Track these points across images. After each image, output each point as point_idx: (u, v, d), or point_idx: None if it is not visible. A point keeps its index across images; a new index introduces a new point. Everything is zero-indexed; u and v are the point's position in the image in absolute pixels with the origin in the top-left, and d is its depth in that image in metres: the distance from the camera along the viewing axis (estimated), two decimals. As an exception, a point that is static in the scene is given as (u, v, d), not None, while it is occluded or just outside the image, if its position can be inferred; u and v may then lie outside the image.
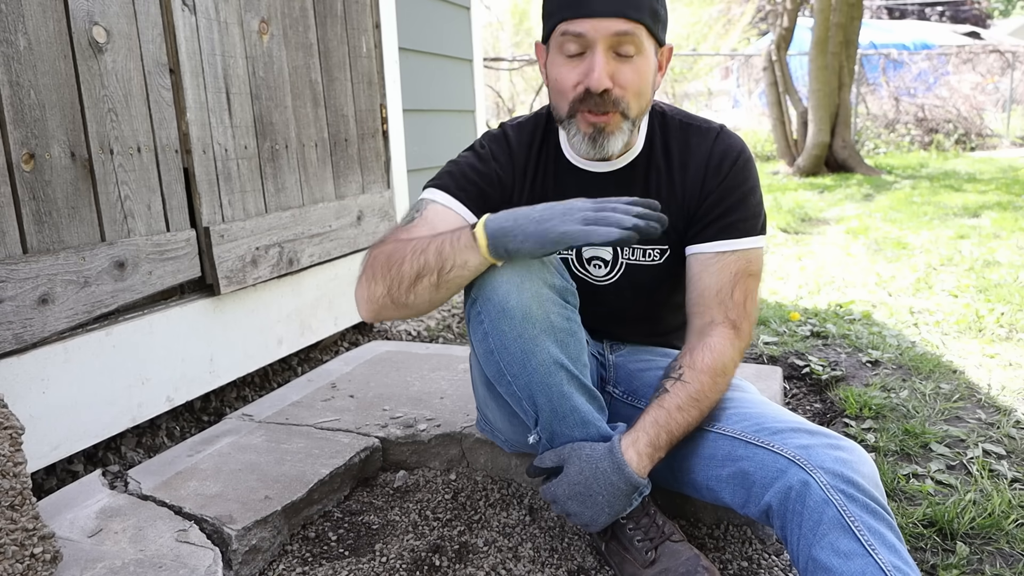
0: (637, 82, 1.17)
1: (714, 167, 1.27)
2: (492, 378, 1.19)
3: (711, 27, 16.31)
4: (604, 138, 1.20)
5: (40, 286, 1.45)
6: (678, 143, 1.30)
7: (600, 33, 1.13)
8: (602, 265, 1.33)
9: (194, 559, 1.20)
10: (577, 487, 1.12)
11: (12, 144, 1.41)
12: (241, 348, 2.00)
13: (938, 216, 5.21)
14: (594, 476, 1.11)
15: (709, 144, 1.28)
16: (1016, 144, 11.61)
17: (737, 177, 1.26)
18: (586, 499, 1.13)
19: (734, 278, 1.24)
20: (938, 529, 1.40)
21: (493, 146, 1.34)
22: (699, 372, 1.17)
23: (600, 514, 1.14)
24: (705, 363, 1.18)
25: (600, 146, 1.20)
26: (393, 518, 1.44)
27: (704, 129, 1.30)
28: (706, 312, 1.24)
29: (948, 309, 2.91)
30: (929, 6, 21.56)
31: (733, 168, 1.26)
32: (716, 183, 1.26)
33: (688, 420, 1.15)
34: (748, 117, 12.96)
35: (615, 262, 1.32)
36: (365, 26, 2.48)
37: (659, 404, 1.16)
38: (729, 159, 1.26)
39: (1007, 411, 1.93)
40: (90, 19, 1.55)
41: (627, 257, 1.32)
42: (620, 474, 1.11)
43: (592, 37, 1.14)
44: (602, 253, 1.32)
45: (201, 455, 1.56)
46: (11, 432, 1.08)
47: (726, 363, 1.20)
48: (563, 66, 1.18)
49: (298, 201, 2.19)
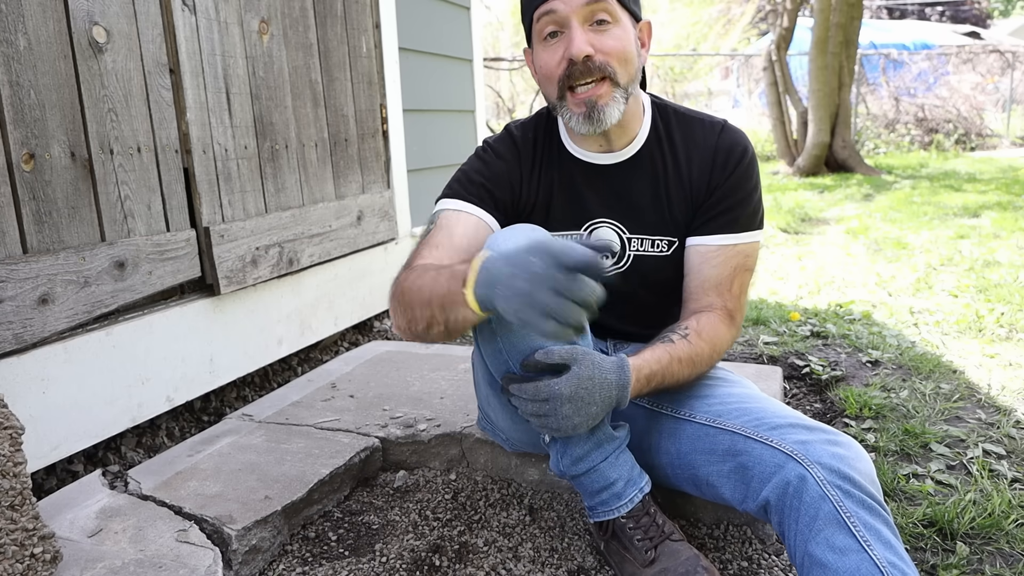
0: (618, 47, 1.19)
1: (721, 161, 1.28)
2: (499, 377, 1.19)
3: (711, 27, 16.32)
4: (599, 112, 1.20)
5: (40, 286, 1.45)
6: (682, 135, 1.32)
7: (571, 7, 1.16)
8: (610, 256, 1.33)
9: (194, 559, 1.20)
10: (581, 390, 1.09)
11: (12, 144, 1.41)
12: (241, 348, 2.00)
13: (938, 216, 5.21)
14: (600, 383, 1.10)
15: (715, 137, 1.29)
16: (1016, 144, 11.62)
17: (744, 174, 1.28)
18: (582, 404, 1.09)
19: (733, 271, 1.28)
20: (938, 529, 1.41)
21: (497, 145, 1.36)
22: (703, 339, 1.21)
23: (583, 423, 1.11)
24: (707, 333, 1.23)
25: (597, 120, 1.21)
26: (393, 518, 1.44)
27: (708, 123, 1.32)
28: (704, 298, 1.28)
29: (948, 309, 2.91)
30: (929, 6, 21.56)
31: (739, 164, 1.28)
32: (723, 177, 1.28)
33: (681, 376, 1.19)
34: (748, 117, 12.95)
35: (623, 254, 1.34)
36: (365, 26, 2.48)
37: (666, 349, 1.19)
38: (736, 155, 1.28)
39: (1007, 411, 1.93)
40: (90, 19, 1.55)
41: (635, 249, 1.33)
42: (622, 390, 1.11)
43: (564, 12, 1.17)
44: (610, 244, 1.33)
45: (201, 455, 1.56)
46: (11, 432, 1.08)
47: (722, 342, 1.24)
48: (544, 52, 1.21)
49: (298, 201, 2.19)
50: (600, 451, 1.19)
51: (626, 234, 1.32)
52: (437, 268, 1.13)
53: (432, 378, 1.94)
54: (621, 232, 1.33)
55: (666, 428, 1.24)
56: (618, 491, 1.22)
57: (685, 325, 1.24)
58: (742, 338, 2.64)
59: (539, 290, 0.92)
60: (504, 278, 0.96)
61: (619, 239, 1.32)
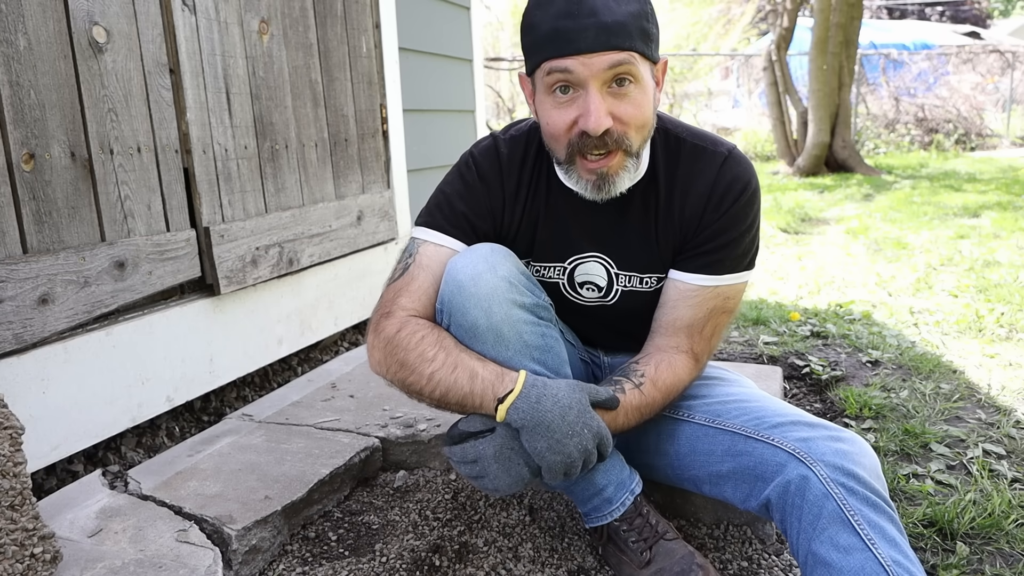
0: (638, 115, 1.08)
1: (716, 199, 1.18)
2: None
3: (711, 27, 16.31)
4: (609, 183, 1.12)
5: (40, 286, 1.45)
6: (682, 167, 1.21)
7: (591, 70, 1.03)
8: (595, 289, 1.28)
9: (194, 559, 1.20)
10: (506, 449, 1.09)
11: (12, 144, 1.41)
12: (241, 348, 2.00)
13: (938, 216, 5.21)
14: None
15: (715, 171, 1.19)
16: (1016, 144, 11.62)
17: (738, 213, 1.18)
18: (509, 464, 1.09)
19: (708, 313, 1.21)
20: (938, 529, 1.41)
21: (482, 162, 1.25)
22: (657, 389, 1.16)
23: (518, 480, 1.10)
24: (665, 382, 1.17)
25: (606, 191, 1.13)
26: (393, 518, 1.44)
27: (711, 152, 1.20)
28: (672, 337, 1.22)
29: (948, 309, 2.91)
30: (929, 6, 21.56)
31: (735, 203, 1.18)
32: (715, 217, 1.19)
33: (627, 426, 1.15)
34: (748, 117, 12.95)
35: (610, 288, 1.27)
36: (365, 26, 2.48)
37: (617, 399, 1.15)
38: (733, 193, 1.18)
39: (1007, 411, 1.93)
40: (90, 19, 1.55)
41: (623, 285, 1.27)
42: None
43: (583, 75, 1.04)
44: (596, 279, 1.27)
45: (201, 455, 1.56)
46: (11, 432, 1.08)
47: (678, 387, 1.19)
48: (553, 108, 1.09)
49: (298, 201, 2.19)
50: None
51: (614, 269, 1.26)
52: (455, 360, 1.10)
53: (432, 378, 1.93)
54: (609, 266, 1.26)
55: (665, 429, 1.23)
56: (608, 496, 1.21)
57: (642, 372, 1.18)
58: (742, 338, 2.64)
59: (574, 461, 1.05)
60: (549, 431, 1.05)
61: (607, 274, 1.26)
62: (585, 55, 1.03)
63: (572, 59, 1.03)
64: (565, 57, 1.04)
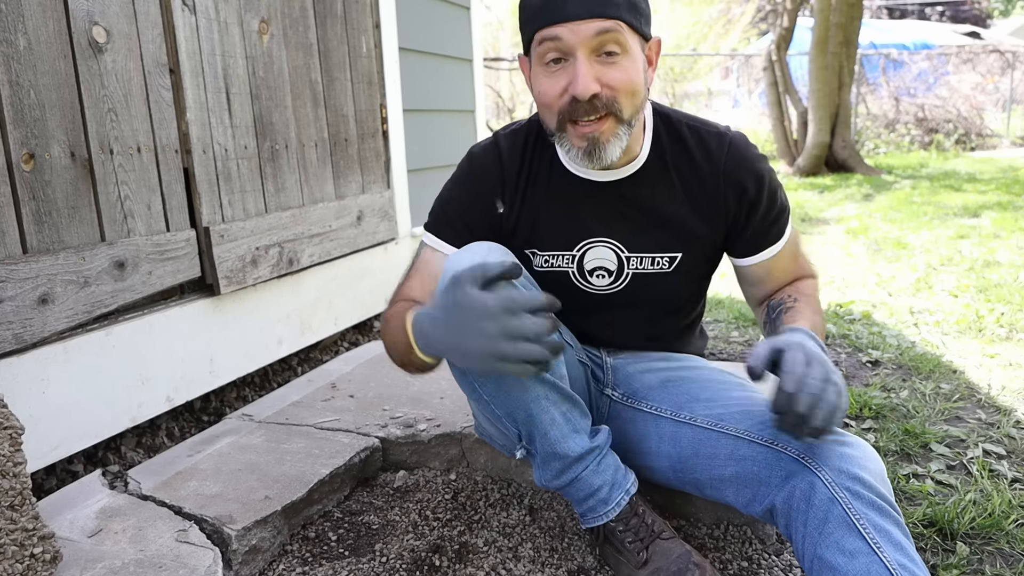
0: (627, 81, 1.11)
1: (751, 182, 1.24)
2: (470, 397, 1.19)
3: (711, 27, 16.30)
4: (600, 149, 1.14)
5: (40, 286, 1.45)
6: (688, 148, 1.25)
7: (579, 37, 1.07)
8: (606, 275, 1.28)
9: (194, 559, 1.20)
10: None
11: (12, 144, 1.41)
12: (241, 348, 2.00)
13: (938, 216, 5.21)
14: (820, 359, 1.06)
15: (723, 151, 1.24)
16: (1016, 144, 11.61)
17: (769, 189, 1.26)
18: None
19: (791, 256, 1.33)
20: (938, 529, 1.40)
21: (483, 160, 1.29)
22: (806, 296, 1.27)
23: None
24: (807, 290, 1.29)
25: (598, 158, 1.15)
26: (393, 518, 1.44)
27: (713, 133, 1.25)
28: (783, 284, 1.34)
29: (948, 309, 2.91)
30: (929, 6, 21.56)
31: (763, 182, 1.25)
32: (755, 198, 1.25)
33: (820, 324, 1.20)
34: (748, 117, 12.95)
35: (620, 272, 1.28)
36: (365, 26, 2.48)
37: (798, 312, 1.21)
38: (755, 173, 1.25)
39: (1007, 411, 1.93)
40: (90, 19, 1.55)
41: (634, 267, 1.27)
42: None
43: (571, 41, 1.08)
44: (606, 264, 1.28)
45: (201, 455, 1.56)
46: (11, 432, 1.08)
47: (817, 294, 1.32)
48: (546, 77, 1.13)
49: (298, 201, 2.19)
50: (580, 462, 1.18)
51: (624, 253, 1.27)
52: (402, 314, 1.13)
53: (432, 378, 1.94)
54: (619, 251, 1.27)
55: (666, 432, 1.22)
56: (604, 497, 1.21)
57: (787, 294, 1.28)
58: (742, 338, 2.64)
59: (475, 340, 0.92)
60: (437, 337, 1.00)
61: (617, 258, 1.27)
62: (573, 22, 1.07)
63: (561, 26, 1.08)
64: (555, 25, 1.09)
